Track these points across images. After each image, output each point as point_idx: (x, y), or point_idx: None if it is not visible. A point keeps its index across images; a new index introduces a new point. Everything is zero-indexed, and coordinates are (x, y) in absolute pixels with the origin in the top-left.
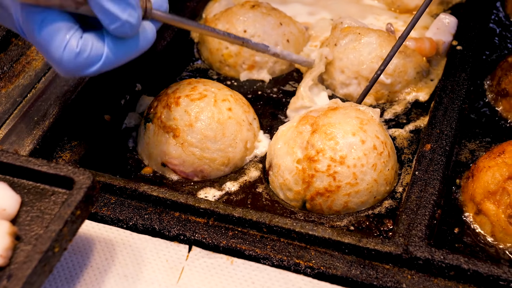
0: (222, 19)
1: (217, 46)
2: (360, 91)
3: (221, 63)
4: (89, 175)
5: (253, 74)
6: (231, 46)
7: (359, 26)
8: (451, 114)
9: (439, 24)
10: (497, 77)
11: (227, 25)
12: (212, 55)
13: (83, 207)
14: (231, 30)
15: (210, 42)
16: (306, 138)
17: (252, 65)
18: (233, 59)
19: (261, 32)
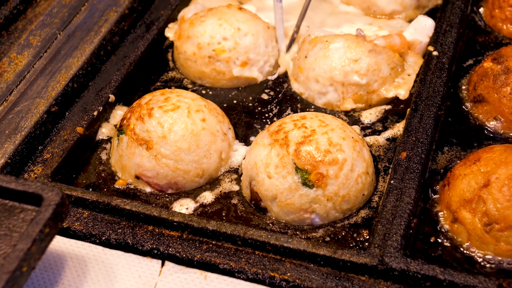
0: (211, 15)
1: (208, 41)
2: (338, 97)
3: (209, 58)
4: (57, 192)
5: (245, 71)
6: (225, 41)
7: (326, 35)
8: (427, 121)
9: (416, 25)
10: (472, 82)
11: (219, 21)
12: (200, 50)
13: (52, 225)
14: (224, 25)
15: (198, 37)
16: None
17: (245, 62)
18: (227, 54)
19: (254, 31)
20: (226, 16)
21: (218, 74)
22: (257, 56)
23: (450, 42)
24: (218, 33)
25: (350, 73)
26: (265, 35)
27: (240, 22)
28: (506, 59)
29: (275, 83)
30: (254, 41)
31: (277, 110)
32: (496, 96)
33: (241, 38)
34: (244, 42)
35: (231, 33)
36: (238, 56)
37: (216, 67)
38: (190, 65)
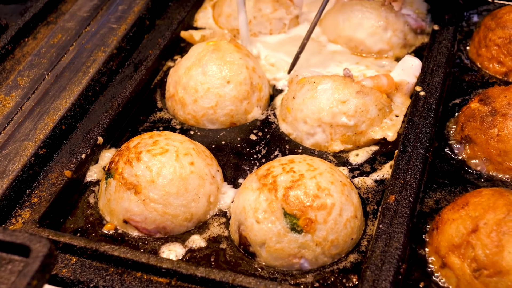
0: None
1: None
2: (326, 138)
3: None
4: (45, 243)
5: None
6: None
7: (314, 75)
8: (415, 163)
9: (403, 66)
10: (460, 123)
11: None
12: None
13: (39, 277)
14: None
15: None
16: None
17: (230, 114)
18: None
19: (241, 80)
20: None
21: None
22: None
23: (437, 82)
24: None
25: (338, 115)
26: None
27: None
28: (493, 100)
29: (263, 124)
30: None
31: (265, 151)
32: (483, 137)
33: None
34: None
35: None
36: (224, 107)
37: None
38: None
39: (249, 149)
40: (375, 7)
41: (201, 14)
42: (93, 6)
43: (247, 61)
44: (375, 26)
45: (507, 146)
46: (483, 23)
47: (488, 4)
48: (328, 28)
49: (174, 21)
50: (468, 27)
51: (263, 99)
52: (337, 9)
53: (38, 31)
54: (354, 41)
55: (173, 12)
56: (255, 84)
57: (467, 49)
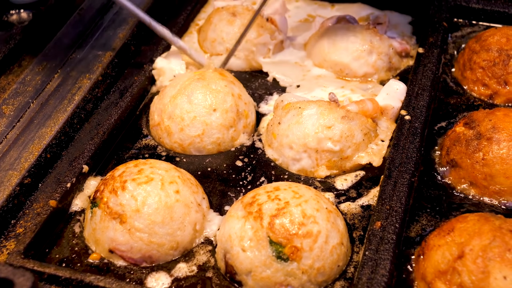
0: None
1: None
2: (312, 163)
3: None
4: (29, 276)
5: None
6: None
7: (299, 101)
8: (401, 188)
9: (388, 90)
10: (445, 147)
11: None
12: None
13: None
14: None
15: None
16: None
17: (217, 142)
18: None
19: (227, 108)
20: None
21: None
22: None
23: (422, 106)
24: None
25: (323, 140)
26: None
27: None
28: (477, 124)
29: (249, 150)
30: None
31: (251, 177)
32: (469, 161)
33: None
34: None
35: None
36: (211, 135)
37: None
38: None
39: (235, 175)
40: (359, 30)
41: (187, 38)
42: (78, 33)
43: (233, 88)
44: (360, 50)
45: (492, 170)
46: (468, 46)
47: (473, 26)
48: (313, 52)
49: (160, 46)
50: (453, 49)
51: (250, 125)
52: (321, 33)
53: (23, 58)
54: (339, 65)
55: (158, 37)
56: (241, 111)
57: (452, 71)
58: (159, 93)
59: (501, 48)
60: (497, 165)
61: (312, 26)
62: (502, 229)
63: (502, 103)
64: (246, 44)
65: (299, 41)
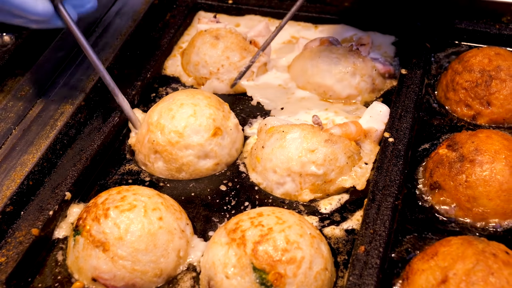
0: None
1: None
2: (296, 187)
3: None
4: None
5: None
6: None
7: (282, 124)
8: (384, 212)
9: (372, 112)
10: (429, 169)
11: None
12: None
13: None
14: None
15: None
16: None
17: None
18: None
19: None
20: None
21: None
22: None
23: (405, 128)
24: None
25: (307, 164)
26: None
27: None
28: (460, 146)
29: (233, 174)
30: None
31: (235, 202)
32: (452, 184)
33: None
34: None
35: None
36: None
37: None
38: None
39: (219, 200)
40: (342, 53)
41: (170, 61)
42: (61, 57)
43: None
44: (343, 72)
45: (475, 192)
46: (450, 67)
47: (455, 46)
48: (296, 74)
49: (144, 70)
50: (436, 70)
51: (235, 150)
52: (305, 56)
53: (5, 83)
54: (323, 87)
55: (142, 61)
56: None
57: (435, 93)
58: (143, 119)
59: (483, 69)
60: (480, 187)
61: (295, 48)
62: (485, 253)
63: (485, 123)
64: (229, 67)
65: (282, 63)
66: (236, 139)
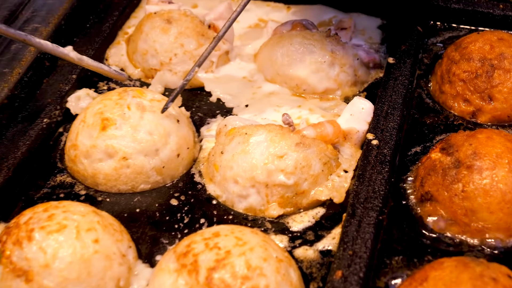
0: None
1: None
2: (261, 200)
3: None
4: None
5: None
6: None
7: (245, 125)
8: (366, 229)
9: (352, 110)
10: (419, 177)
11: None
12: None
13: None
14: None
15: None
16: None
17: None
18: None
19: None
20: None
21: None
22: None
23: (392, 128)
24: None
25: (274, 172)
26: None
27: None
28: (456, 149)
29: (186, 185)
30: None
31: (188, 219)
32: (446, 194)
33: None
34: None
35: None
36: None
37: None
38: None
39: (169, 217)
40: (318, 38)
41: (114, 50)
42: None
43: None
44: (320, 62)
45: (474, 204)
46: (446, 55)
47: (452, 30)
48: (263, 64)
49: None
50: (429, 59)
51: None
52: (274, 42)
53: None
54: (295, 80)
55: (79, 49)
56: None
57: (429, 86)
58: (78, 117)
59: (484, 57)
60: (479, 198)
61: (263, 33)
62: (484, 277)
63: (487, 122)
64: (184, 56)
65: (248, 51)
66: (184, 139)
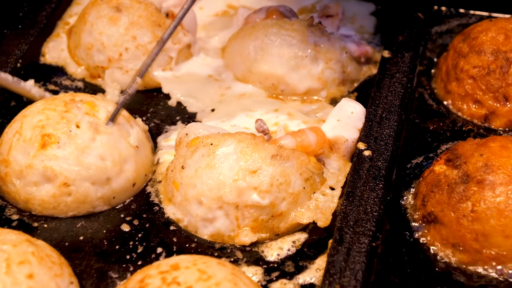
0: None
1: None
2: (231, 224)
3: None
4: None
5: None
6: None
7: (211, 134)
8: (357, 258)
9: (340, 114)
10: (421, 195)
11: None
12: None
13: None
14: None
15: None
16: None
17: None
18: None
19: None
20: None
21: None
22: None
23: (388, 135)
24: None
25: (246, 191)
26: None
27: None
28: (464, 161)
29: (140, 207)
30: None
31: (143, 248)
32: (453, 215)
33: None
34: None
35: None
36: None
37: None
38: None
39: (119, 246)
40: (299, 28)
41: (52, 44)
42: None
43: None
44: (300, 56)
45: (486, 227)
46: (453, 46)
47: (460, 17)
48: (233, 60)
49: (11, 57)
50: (433, 52)
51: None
52: (245, 33)
53: None
54: (271, 79)
55: (10, 43)
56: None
57: (432, 84)
58: (10, 126)
59: (497, 49)
60: (492, 220)
61: (233, 22)
62: None
63: (502, 127)
64: (136, 51)
65: (214, 44)
66: (141, 153)
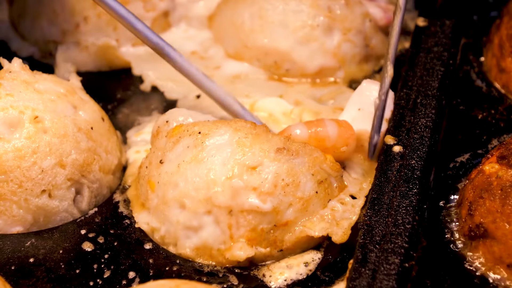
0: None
1: None
2: (221, 235)
3: None
4: None
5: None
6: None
7: (198, 122)
8: (384, 283)
9: (361, 101)
10: (466, 202)
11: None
12: None
13: None
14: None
15: None
16: None
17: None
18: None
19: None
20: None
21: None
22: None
23: (424, 126)
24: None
25: (242, 191)
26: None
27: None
28: None
29: (106, 220)
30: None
31: (110, 273)
32: (507, 227)
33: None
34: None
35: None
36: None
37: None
38: None
39: (80, 270)
40: None
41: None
42: None
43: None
44: (310, 26)
45: None
46: (508, 11)
47: None
48: (223, 32)
49: None
50: (482, 21)
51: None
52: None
53: None
54: (273, 55)
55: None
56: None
57: (481, 61)
58: None
59: None
60: None
61: None
62: None
63: None
64: (98, 20)
65: (198, 11)
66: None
